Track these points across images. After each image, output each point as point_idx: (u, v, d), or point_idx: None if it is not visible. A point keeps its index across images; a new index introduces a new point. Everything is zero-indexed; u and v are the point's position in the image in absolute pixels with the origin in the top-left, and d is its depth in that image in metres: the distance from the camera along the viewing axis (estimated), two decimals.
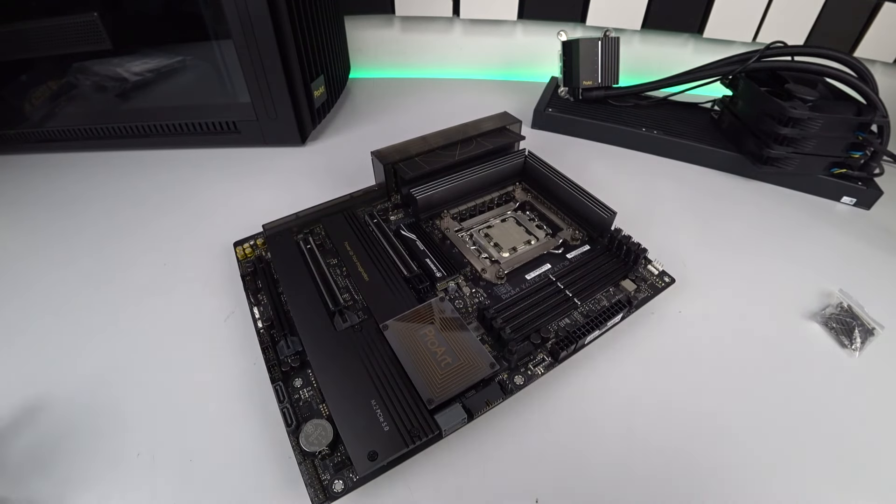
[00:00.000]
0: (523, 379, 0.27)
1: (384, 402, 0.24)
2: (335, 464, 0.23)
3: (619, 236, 0.34)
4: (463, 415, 0.24)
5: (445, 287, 0.32)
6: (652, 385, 0.29)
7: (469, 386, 0.25)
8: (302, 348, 0.28)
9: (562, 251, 0.36)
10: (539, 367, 0.27)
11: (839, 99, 0.45)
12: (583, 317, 0.30)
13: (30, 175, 0.49)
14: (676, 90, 0.56)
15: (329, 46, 0.53)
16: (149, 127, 0.50)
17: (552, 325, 0.29)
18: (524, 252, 0.35)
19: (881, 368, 0.30)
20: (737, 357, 0.31)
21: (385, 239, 0.35)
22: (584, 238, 0.37)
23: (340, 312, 0.29)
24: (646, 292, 0.32)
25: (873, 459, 0.26)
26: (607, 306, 0.30)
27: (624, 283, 0.33)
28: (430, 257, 0.33)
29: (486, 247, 0.35)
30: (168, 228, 0.40)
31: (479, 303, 0.31)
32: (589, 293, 0.31)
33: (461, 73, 0.72)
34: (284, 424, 0.24)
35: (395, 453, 0.22)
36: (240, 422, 0.26)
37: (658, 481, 0.24)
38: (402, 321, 0.28)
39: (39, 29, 0.43)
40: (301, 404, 0.25)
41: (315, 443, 0.23)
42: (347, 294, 0.31)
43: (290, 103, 0.47)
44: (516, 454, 0.25)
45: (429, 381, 0.25)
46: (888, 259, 0.39)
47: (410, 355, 0.26)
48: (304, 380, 0.27)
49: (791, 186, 0.48)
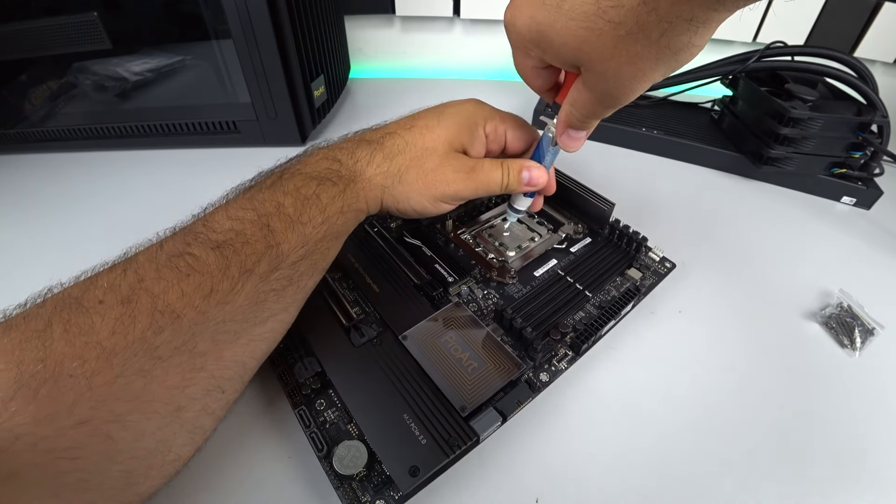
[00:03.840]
0: (548, 376, 0.27)
1: (416, 414, 0.24)
2: (375, 484, 0.22)
3: (619, 227, 0.34)
4: (498, 418, 0.23)
5: (458, 291, 0.32)
6: (651, 385, 0.29)
7: (499, 389, 0.25)
8: (321, 369, 0.26)
9: (565, 245, 0.36)
10: (562, 361, 0.28)
11: (839, 99, 0.45)
12: (596, 308, 0.31)
13: (30, 175, 0.49)
14: (676, 90, 0.56)
15: (329, 46, 0.53)
16: (149, 127, 0.50)
17: (568, 320, 0.30)
18: (530, 249, 0.35)
19: (881, 368, 0.30)
20: (736, 357, 0.31)
21: (389, 247, 0.34)
22: (586, 231, 0.37)
23: (356, 327, 0.28)
24: (650, 279, 0.33)
25: (873, 459, 0.26)
26: (617, 296, 0.30)
27: (630, 272, 0.33)
28: (439, 262, 0.33)
29: (491, 247, 0.35)
30: (168, 229, 0.40)
31: (493, 304, 0.31)
32: (598, 284, 0.32)
33: (461, 73, 0.73)
34: (314, 451, 0.23)
35: (436, 466, 0.22)
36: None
37: (658, 482, 0.24)
38: (422, 330, 0.28)
39: (39, 28, 0.43)
40: (328, 427, 0.24)
41: (350, 465, 0.22)
42: (358, 307, 0.30)
43: (290, 103, 0.47)
44: (517, 454, 0.25)
45: (458, 388, 0.25)
46: (888, 259, 0.39)
47: (435, 364, 0.26)
48: (326, 400, 0.26)
49: (791, 186, 0.48)
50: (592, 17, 0.18)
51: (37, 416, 0.16)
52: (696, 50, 0.19)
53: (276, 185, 0.25)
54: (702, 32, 0.18)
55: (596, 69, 0.20)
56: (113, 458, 0.18)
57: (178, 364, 0.20)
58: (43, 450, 0.17)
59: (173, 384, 0.20)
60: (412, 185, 0.28)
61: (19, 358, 0.17)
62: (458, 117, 0.29)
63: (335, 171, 0.27)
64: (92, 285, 0.20)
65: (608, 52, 0.19)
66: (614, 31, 0.18)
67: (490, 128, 0.29)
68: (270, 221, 0.24)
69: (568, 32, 0.19)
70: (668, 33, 0.17)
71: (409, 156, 0.28)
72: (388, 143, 0.28)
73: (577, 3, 0.19)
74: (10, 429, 0.16)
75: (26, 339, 0.18)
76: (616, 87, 0.21)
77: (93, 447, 0.18)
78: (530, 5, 0.21)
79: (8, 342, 0.18)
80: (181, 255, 0.22)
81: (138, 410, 0.19)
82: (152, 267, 0.21)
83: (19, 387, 0.17)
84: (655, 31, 0.18)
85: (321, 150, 0.29)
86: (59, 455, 0.17)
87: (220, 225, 0.23)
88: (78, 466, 0.17)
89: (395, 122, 0.30)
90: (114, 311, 0.19)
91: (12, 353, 0.17)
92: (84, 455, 0.17)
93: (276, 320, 0.24)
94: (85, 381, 0.18)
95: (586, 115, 0.24)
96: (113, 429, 0.18)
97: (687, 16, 0.17)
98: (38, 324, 0.18)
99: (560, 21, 0.19)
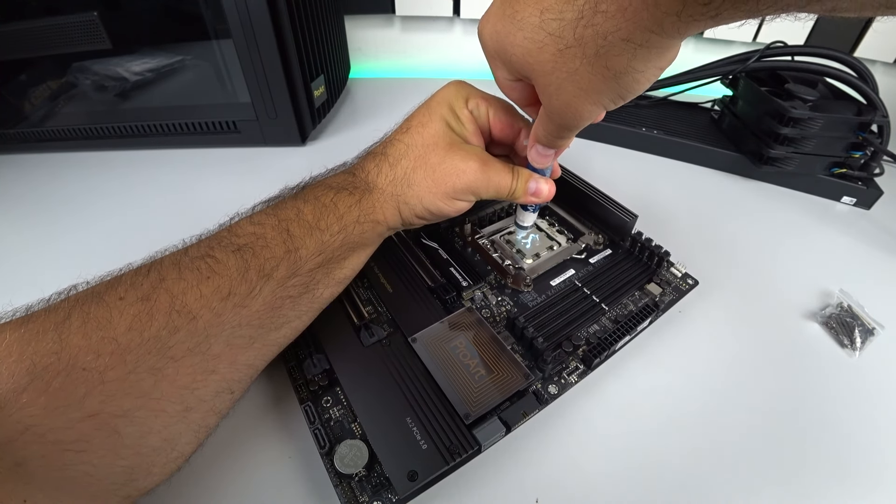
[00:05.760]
0: (557, 388, 0.26)
1: (419, 418, 0.23)
2: (373, 486, 0.22)
3: (642, 239, 0.33)
4: (502, 428, 0.23)
5: (472, 296, 0.31)
6: (650, 384, 0.29)
7: (505, 398, 0.24)
8: (329, 366, 0.26)
9: (585, 256, 0.35)
10: (573, 375, 0.27)
11: (839, 99, 0.45)
12: (611, 322, 0.30)
13: (30, 175, 0.49)
14: (676, 90, 0.56)
15: (329, 46, 0.53)
16: (149, 127, 0.50)
17: (582, 332, 0.29)
18: (548, 258, 0.34)
19: (881, 368, 0.30)
20: (736, 356, 0.31)
21: (405, 248, 0.34)
22: (606, 242, 0.36)
23: (366, 326, 0.28)
24: (671, 295, 0.32)
25: (873, 459, 0.26)
26: (635, 311, 0.30)
27: (649, 287, 0.32)
28: (455, 265, 0.33)
29: (508, 253, 0.34)
30: (168, 230, 0.40)
31: (506, 311, 0.31)
32: (615, 298, 0.31)
33: (461, 73, 0.72)
34: (317, 447, 0.23)
35: (435, 472, 0.21)
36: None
37: (657, 482, 0.24)
38: (432, 333, 0.27)
39: (39, 28, 0.43)
40: (332, 424, 0.24)
41: (350, 464, 0.22)
42: (370, 306, 0.30)
43: (290, 103, 0.47)
44: (516, 453, 0.25)
45: (464, 394, 0.24)
46: (888, 259, 0.39)
47: (442, 369, 0.25)
48: (332, 398, 0.26)
49: (791, 186, 0.48)
50: (536, 29, 0.18)
51: (47, 408, 0.17)
52: (639, 76, 0.18)
53: (298, 195, 0.27)
54: (641, 55, 0.17)
55: (540, 82, 0.20)
56: (118, 453, 0.18)
57: (190, 365, 0.20)
58: (50, 441, 0.17)
59: (184, 384, 0.20)
60: (421, 185, 0.27)
61: (34, 349, 0.17)
62: (443, 104, 0.28)
63: (351, 183, 0.27)
64: (116, 283, 0.21)
65: (549, 65, 0.19)
66: (555, 44, 0.18)
67: (472, 105, 0.29)
68: (290, 226, 0.24)
69: (517, 43, 0.19)
70: (605, 51, 0.17)
71: (411, 157, 0.28)
72: (390, 151, 0.28)
73: (527, 14, 0.18)
74: (19, 419, 0.16)
75: (44, 330, 0.18)
76: (560, 105, 0.20)
77: (99, 441, 0.18)
78: (495, 16, 0.21)
79: (25, 332, 0.18)
80: (203, 257, 0.22)
81: (146, 407, 0.19)
82: (175, 268, 0.21)
83: (32, 378, 0.17)
84: (591, 46, 0.17)
85: (342, 167, 0.30)
86: (66, 447, 0.17)
87: (243, 230, 0.24)
88: (83, 459, 0.17)
89: (394, 131, 0.30)
90: (132, 307, 0.19)
91: (28, 343, 0.18)
92: (90, 448, 0.18)
93: (289, 327, 0.25)
94: (98, 374, 0.18)
95: (547, 133, 0.23)
96: (120, 424, 0.18)
97: (623, 34, 0.16)
98: (58, 316, 0.19)
99: (512, 31, 0.19)
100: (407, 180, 0.27)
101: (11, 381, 0.17)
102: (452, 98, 0.28)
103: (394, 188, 0.28)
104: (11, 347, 0.17)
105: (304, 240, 0.24)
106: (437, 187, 0.27)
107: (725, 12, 0.14)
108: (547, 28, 0.18)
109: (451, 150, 0.27)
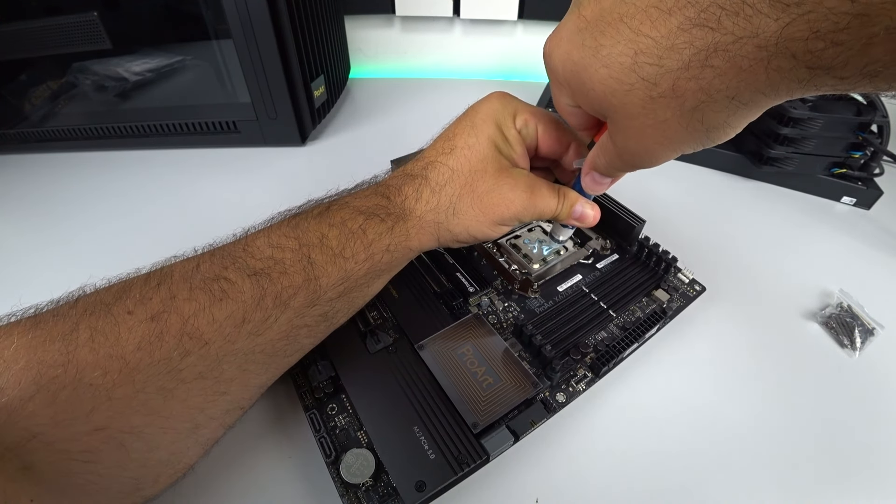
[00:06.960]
0: (565, 396, 0.26)
1: (427, 427, 0.23)
2: (380, 496, 0.21)
3: (649, 244, 0.33)
4: (510, 438, 0.23)
5: (478, 302, 0.31)
6: (650, 385, 0.29)
7: (513, 407, 0.24)
8: (334, 373, 0.26)
9: (591, 261, 0.34)
10: (581, 383, 0.27)
11: (839, 99, 0.45)
12: (619, 329, 0.30)
13: (30, 175, 0.49)
14: None
15: (329, 46, 0.53)
16: (149, 127, 0.50)
17: (590, 339, 0.29)
18: (555, 263, 0.34)
19: (881, 368, 0.30)
20: (736, 356, 0.31)
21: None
22: (613, 247, 0.36)
23: (372, 332, 0.27)
24: (678, 301, 0.32)
25: (873, 459, 0.26)
26: (643, 317, 0.29)
27: (657, 293, 0.32)
28: (461, 271, 0.32)
29: (515, 258, 0.34)
30: (169, 230, 0.40)
31: (513, 317, 0.30)
32: (623, 304, 0.31)
33: (461, 73, 0.73)
34: (322, 456, 0.23)
35: (443, 482, 0.21)
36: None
37: (657, 482, 0.24)
38: (439, 340, 0.27)
39: (39, 28, 0.43)
40: (338, 432, 0.24)
41: (357, 474, 0.21)
42: (375, 312, 0.30)
43: (290, 103, 0.47)
44: (516, 453, 0.25)
45: (471, 403, 0.24)
46: (888, 259, 0.39)
47: (450, 376, 0.25)
48: (338, 406, 0.25)
49: (791, 186, 0.48)
50: (626, 71, 0.17)
51: (54, 419, 0.17)
52: (731, 131, 0.17)
53: (322, 216, 0.24)
54: (742, 113, 0.16)
55: (620, 124, 0.19)
56: (124, 465, 0.18)
57: (201, 388, 0.20)
58: (58, 450, 0.17)
59: (194, 405, 0.20)
60: (468, 214, 0.26)
61: (41, 358, 0.17)
62: (489, 121, 0.26)
63: (384, 208, 0.25)
64: (124, 294, 0.20)
65: (635, 110, 0.17)
66: (646, 91, 0.16)
67: (520, 122, 0.27)
68: (312, 253, 0.23)
69: (598, 79, 0.18)
70: (705, 107, 0.16)
71: (458, 184, 0.26)
72: (432, 176, 0.26)
73: (615, 52, 0.17)
74: (26, 427, 0.16)
75: (51, 339, 0.18)
76: (638, 148, 0.19)
77: (106, 453, 0.18)
78: (570, 42, 0.19)
79: (32, 339, 0.18)
80: (216, 278, 0.21)
81: (155, 425, 0.19)
82: (185, 286, 0.20)
83: (38, 388, 0.17)
84: (690, 100, 0.16)
85: (373, 185, 0.27)
86: (73, 457, 0.17)
87: (261, 252, 0.22)
88: (89, 469, 0.17)
89: (433, 148, 0.27)
90: (142, 326, 0.19)
91: (35, 351, 0.17)
92: (97, 459, 0.18)
93: (303, 352, 0.25)
94: (105, 391, 0.18)
95: (610, 165, 0.22)
96: (127, 439, 0.18)
97: (731, 93, 0.15)
98: (66, 326, 0.18)
99: (593, 66, 0.18)
100: (452, 209, 0.26)
101: (19, 389, 0.17)
102: (499, 115, 0.26)
103: (436, 216, 0.26)
104: (19, 353, 0.17)
105: (327, 268, 0.23)
106: (485, 216, 0.26)
107: (853, 81, 0.13)
108: (640, 72, 0.16)
109: (499, 178, 0.26)
